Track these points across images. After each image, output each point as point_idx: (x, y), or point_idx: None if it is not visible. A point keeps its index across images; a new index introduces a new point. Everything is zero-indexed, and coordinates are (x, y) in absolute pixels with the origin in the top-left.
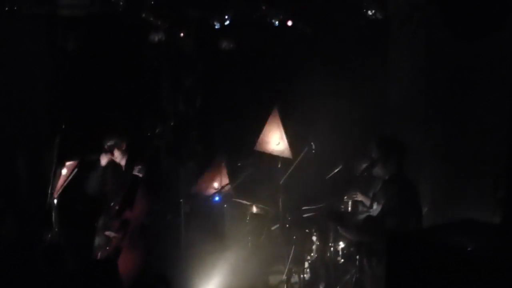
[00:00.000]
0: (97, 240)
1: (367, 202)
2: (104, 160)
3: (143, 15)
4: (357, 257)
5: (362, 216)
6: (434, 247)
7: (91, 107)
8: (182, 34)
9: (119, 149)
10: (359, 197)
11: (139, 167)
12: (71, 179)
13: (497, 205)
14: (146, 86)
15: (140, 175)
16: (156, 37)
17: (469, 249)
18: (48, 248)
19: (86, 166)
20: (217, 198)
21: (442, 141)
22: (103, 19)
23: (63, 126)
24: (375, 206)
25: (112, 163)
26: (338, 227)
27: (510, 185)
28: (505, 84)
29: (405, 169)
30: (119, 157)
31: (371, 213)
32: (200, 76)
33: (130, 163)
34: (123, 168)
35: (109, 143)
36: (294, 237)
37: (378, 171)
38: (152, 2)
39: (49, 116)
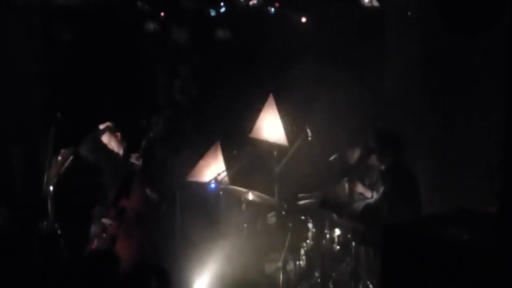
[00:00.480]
0: (93, 229)
1: (367, 193)
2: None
3: (138, 4)
4: (353, 245)
5: (359, 204)
6: (429, 237)
7: (86, 98)
8: (177, 24)
9: (114, 137)
10: (359, 189)
11: (136, 155)
12: (66, 168)
13: (493, 197)
14: (141, 76)
15: (137, 163)
16: (151, 28)
17: (464, 238)
18: (44, 237)
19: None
20: (212, 186)
21: (437, 133)
22: (98, 10)
23: (59, 116)
24: (375, 195)
25: (109, 152)
26: (333, 215)
27: (505, 178)
28: (500, 77)
29: (403, 160)
30: (115, 147)
31: (369, 202)
32: (195, 65)
33: (126, 152)
34: (120, 156)
35: (102, 127)
36: (290, 224)
37: (374, 161)
38: None
39: (44, 106)
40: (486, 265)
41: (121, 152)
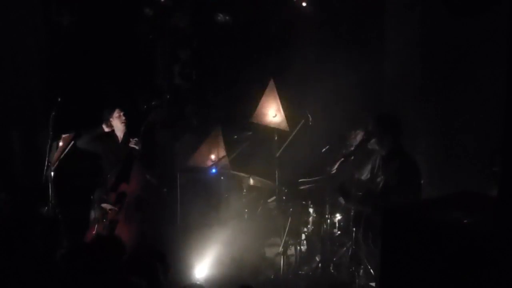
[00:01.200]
0: (94, 213)
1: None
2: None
3: None
4: (354, 229)
5: (361, 189)
6: (429, 220)
7: (86, 81)
8: (176, 8)
9: (119, 120)
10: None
11: (135, 139)
12: (67, 152)
13: (493, 179)
14: (141, 60)
15: (136, 147)
16: (151, 11)
17: (464, 221)
18: (44, 221)
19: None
20: (213, 171)
21: (438, 115)
22: None
23: (59, 100)
24: (378, 179)
25: (108, 136)
26: (344, 200)
27: (505, 160)
28: (500, 59)
29: (402, 145)
30: (117, 129)
31: (371, 187)
32: (195, 49)
33: (126, 136)
34: (120, 140)
35: (109, 114)
36: (291, 209)
37: (374, 145)
38: None
39: (44, 90)
40: (486, 248)
41: (121, 135)
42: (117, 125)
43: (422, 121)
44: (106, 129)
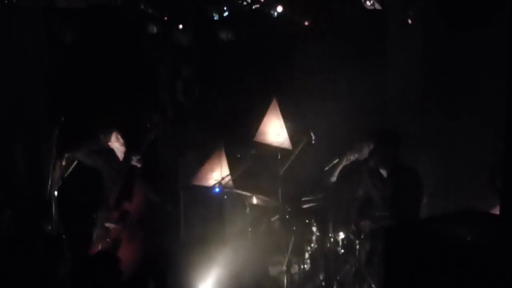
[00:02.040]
0: (97, 232)
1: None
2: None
3: (141, 6)
4: (357, 247)
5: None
6: (433, 238)
7: (89, 99)
8: (180, 26)
9: (118, 143)
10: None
11: (137, 157)
12: (70, 171)
13: (495, 196)
14: (144, 77)
15: (138, 165)
16: (154, 29)
17: (468, 239)
18: (47, 240)
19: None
20: (217, 189)
21: (440, 132)
22: (101, 11)
23: (62, 118)
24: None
25: (109, 154)
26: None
27: (507, 176)
28: (502, 75)
29: (403, 160)
30: (117, 150)
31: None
32: (198, 67)
33: (128, 154)
34: (121, 158)
35: (104, 133)
36: (294, 227)
37: (376, 162)
38: None
39: (47, 108)
40: (489, 266)
41: (121, 154)
42: (117, 147)
43: (424, 137)
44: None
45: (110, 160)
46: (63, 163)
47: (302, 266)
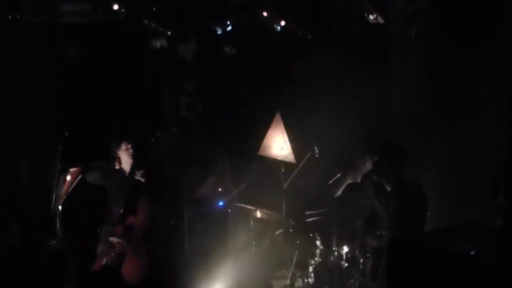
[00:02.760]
0: (101, 247)
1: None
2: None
3: (145, 22)
4: (361, 261)
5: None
6: (436, 251)
7: (93, 114)
8: (183, 41)
9: (126, 153)
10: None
11: (141, 172)
12: (74, 186)
13: (497, 210)
14: (148, 92)
15: (142, 180)
16: (157, 44)
17: (472, 253)
18: (52, 255)
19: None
20: (220, 203)
21: (443, 145)
22: (105, 26)
23: (66, 134)
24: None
25: (114, 169)
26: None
27: (509, 191)
28: (505, 90)
29: (407, 175)
30: (124, 162)
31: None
32: (202, 81)
33: (132, 168)
34: (127, 173)
35: (117, 148)
36: (298, 241)
37: (381, 177)
38: (154, 9)
39: (52, 123)
40: (492, 279)
41: (128, 168)
42: (124, 158)
43: (427, 152)
44: (117, 167)
45: (114, 177)
46: (67, 178)
47: (306, 280)
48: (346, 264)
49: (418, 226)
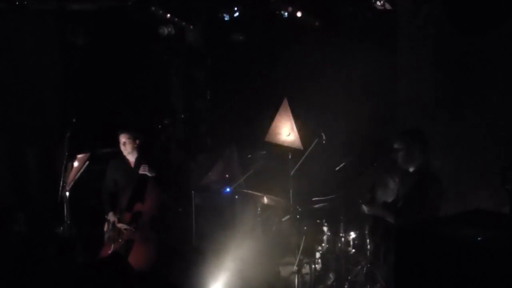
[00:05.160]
0: (109, 233)
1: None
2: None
3: (152, 9)
4: (368, 247)
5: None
6: (443, 237)
7: (101, 101)
8: (191, 28)
9: (124, 149)
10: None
11: (146, 166)
12: (82, 173)
13: (505, 197)
14: (155, 79)
15: (148, 174)
16: (165, 31)
17: (479, 239)
18: (60, 242)
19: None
20: (228, 190)
21: (451, 132)
22: (112, 13)
23: (74, 121)
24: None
25: (121, 156)
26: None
27: None
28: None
29: (429, 164)
30: (127, 152)
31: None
32: (209, 69)
33: (138, 160)
34: (132, 164)
35: (123, 137)
36: (305, 228)
37: (402, 161)
38: None
39: (60, 111)
40: (500, 266)
41: (132, 159)
42: (127, 151)
43: (435, 139)
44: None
45: (121, 162)
46: (75, 164)
47: (313, 267)
48: (353, 251)
49: (433, 211)
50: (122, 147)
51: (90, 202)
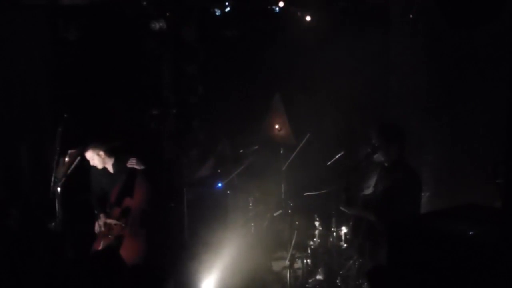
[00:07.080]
0: (99, 228)
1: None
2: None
3: (144, 3)
4: (360, 242)
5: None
6: (435, 232)
7: (93, 96)
8: (183, 22)
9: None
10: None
11: (134, 160)
12: (73, 168)
13: (497, 191)
14: (147, 74)
15: (137, 168)
16: (157, 26)
17: (470, 233)
18: (51, 237)
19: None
20: (220, 185)
21: (443, 127)
22: (104, 8)
23: (65, 116)
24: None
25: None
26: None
27: (509, 172)
28: (504, 71)
29: (406, 155)
30: (98, 164)
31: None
32: (201, 63)
33: (116, 164)
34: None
35: (86, 157)
36: (297, 222)
37: (379, 157)
38: None
39: (51, 105)
40: (491, 259)
41: (109, 167)
42: (95, 162)
43: (428, 133)
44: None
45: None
46: (66, 160)
47: (305, 261)
48: (345, 245)
49: (412, 206)
50: (94, 158)
51: (81, 197)
